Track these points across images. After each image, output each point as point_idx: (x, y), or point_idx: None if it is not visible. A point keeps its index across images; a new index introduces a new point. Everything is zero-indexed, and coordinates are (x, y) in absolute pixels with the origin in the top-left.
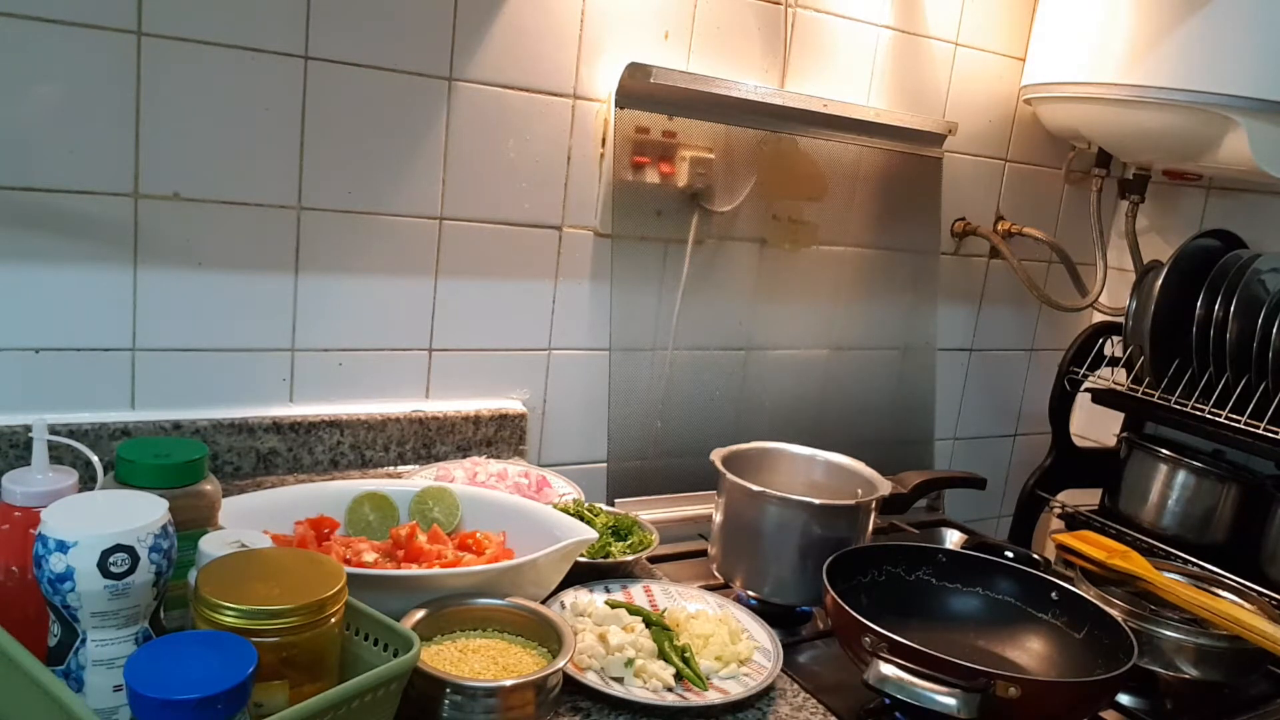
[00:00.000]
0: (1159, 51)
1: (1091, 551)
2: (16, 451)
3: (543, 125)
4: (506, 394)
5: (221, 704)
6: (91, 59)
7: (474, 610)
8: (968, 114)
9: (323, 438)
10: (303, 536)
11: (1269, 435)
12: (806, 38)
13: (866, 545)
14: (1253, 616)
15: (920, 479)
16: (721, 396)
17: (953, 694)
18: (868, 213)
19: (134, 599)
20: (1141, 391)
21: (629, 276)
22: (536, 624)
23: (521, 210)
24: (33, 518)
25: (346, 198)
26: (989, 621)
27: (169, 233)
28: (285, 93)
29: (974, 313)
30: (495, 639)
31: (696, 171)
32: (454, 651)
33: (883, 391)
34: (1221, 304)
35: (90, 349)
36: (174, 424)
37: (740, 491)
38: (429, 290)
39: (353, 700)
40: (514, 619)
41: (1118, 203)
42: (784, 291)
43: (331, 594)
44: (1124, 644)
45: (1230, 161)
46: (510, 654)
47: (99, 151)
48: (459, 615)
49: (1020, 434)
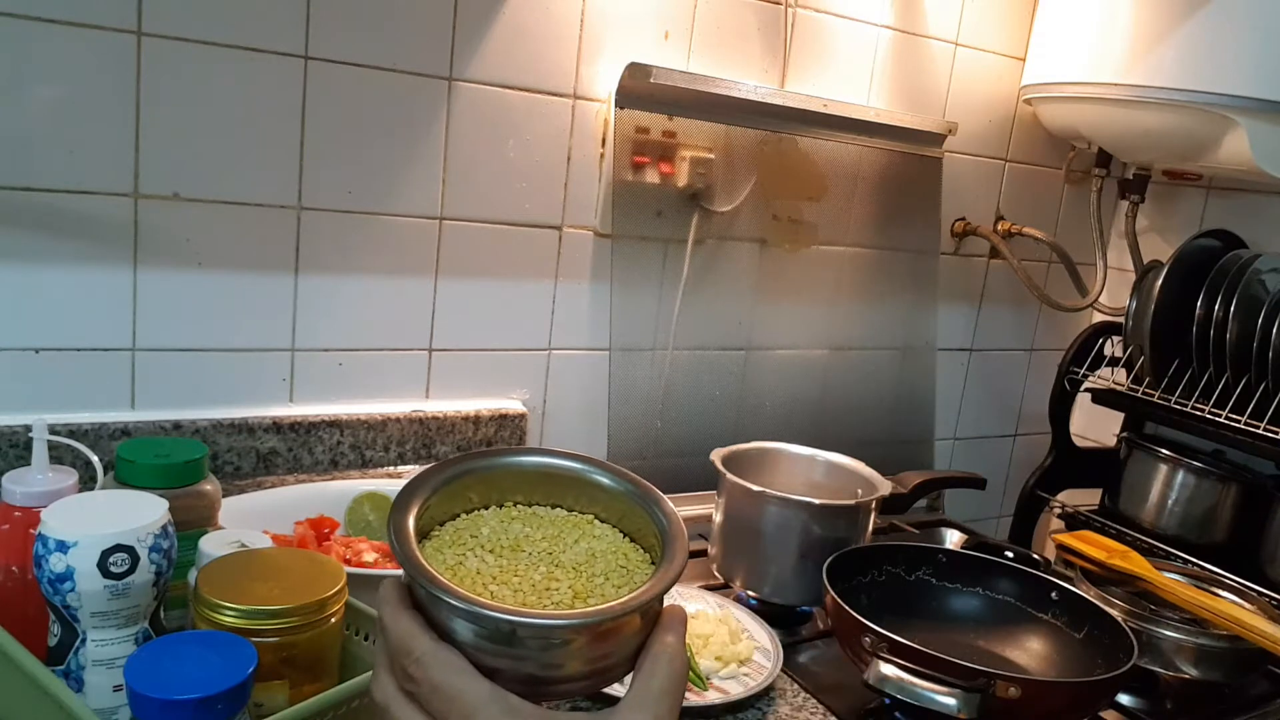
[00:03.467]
0: (1159, 51)
1: (1091, 551)
2: (16, 451)
3: (543, 125)
4: (506, 394)
5: (221, 704)
6: (91, 59)
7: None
8: (968, 114)
9: (323, 438)
10: (303, 536)
11: (1269, 435)
12: (806, 38)
13: (866, 545)
14: (1253, 616)
15: (920, 479)
16: (721, 396)
17: (953, 694)
18: (868, 213)
19: (134, 599)
20: (1141, 391)
21: (629, 276)
22: (623, 500)
23: (521, 210)
24: (33, 518)
25: (346, 198)
26: (989, 621)
27: (169, 233)
28: (285, 93)
29: (974, 313)
30: (558, 518)
31: (696, 171)
32: (504, 542)
33: (883, 391)
34: (1221, 304)
35: (90, 349)
36: (174, 424)
37: (740, 491)
38: (429, 290)
39: (353, 700)
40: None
41: (1118, 203)
42: (784, 291)
43: (331, 594)
44: (1124, 644)
45: (1230, 161)
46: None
47: (99, 151)
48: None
49: (1020, 434)
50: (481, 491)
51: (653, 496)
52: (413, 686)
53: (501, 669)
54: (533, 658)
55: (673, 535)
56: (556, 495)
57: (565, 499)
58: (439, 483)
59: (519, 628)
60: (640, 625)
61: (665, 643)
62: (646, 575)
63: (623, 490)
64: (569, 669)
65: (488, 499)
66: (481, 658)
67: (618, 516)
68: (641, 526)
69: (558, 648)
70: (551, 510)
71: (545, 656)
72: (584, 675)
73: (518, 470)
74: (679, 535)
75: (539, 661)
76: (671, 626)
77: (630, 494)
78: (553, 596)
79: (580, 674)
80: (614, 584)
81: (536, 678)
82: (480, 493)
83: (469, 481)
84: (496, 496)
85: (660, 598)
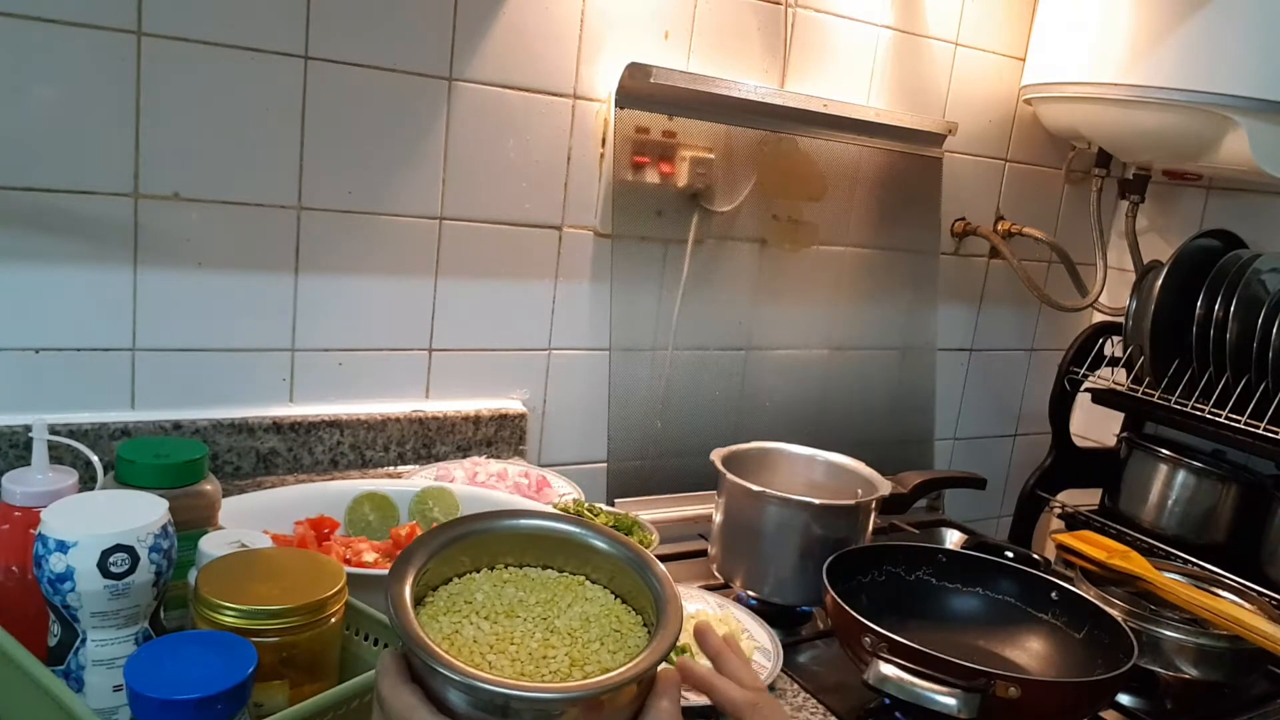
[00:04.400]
0: (1159, 51)
1: (1091, 551)
2: (16, 451)
3: (543, 125)
4: (506, 394)
5: (221, 704)
6: (91, 59)
7: (509, 536)
8: (968, 114)
9: (323, 438)
10: (303, 536)
11: (1269, 435)
12: (806, 38)
13: (866, 545)
14: (1253, 616)
15: (920, 479)
16: (721, 396)
17: (953, 694)
18: (868, 213)
19: (134, 599)
20: (1141, 391)
21: (629, 276)
22: (618, 565)
23: (521, 210)
24: (33, 518)
25: (346, 198)
26: (989, 621)
27: (169, 233)
28: (285, 93)
29: (974, 313)
30: (551, 580)
31: (696, 171)
32: (497, 607)
33: (883, 391)
34: (1221, 304)
35: (90, 349)
36: (174, 424)
37: (740, 491)
38: (429, 290)
39: (353, 700)
40: (576, 550)
41: (1118, 203)
42: (784, 291)
43: (331, 594)
44: (1124, 644)
45: (1230, 161)
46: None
47: (99, 151)
48: (490, 543)
49: (1020, 434)
50: (474, 554)
51: (644, 560)
52: None
53: None
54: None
55: (666, 599)
56: (546, 556)
57: (555, 560)
58: (434, 549)
59: (513, 700)
60: (636, 692)
61: (660, 708)
62: (640, 639)
63: (615, 553)
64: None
65: (479, 561)
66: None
67: (608, 577)
68: (632, 588)
69: (555, 719)
70: (543, 571)
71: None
72: None
73: (510, 534)
74: (672, 599)
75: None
76: (666, 691)
77: (622, 557)
78: (550, 665)
79: None
80: (609, 649)
81: None
82: (472, 555)
83: (462, 546)
84: (488, 559)
85: (655, 666)
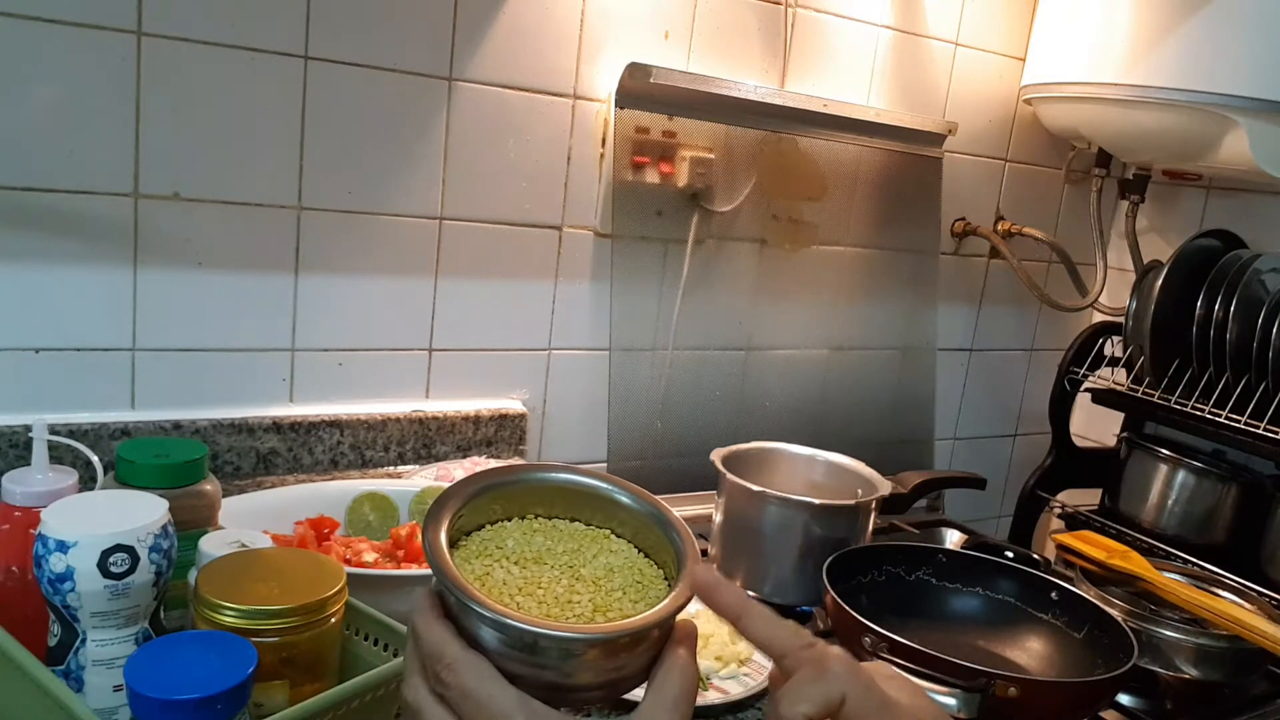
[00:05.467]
0: (1159, 51)
1: (1091, 551)
2: (16, 451)
3: (543, 125)
4: (506, 394)
5: (221, 704)
6: (91, 59)
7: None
8: (968, 114)
9: (323, 438)
10: (303, 536)
11: (1269, 435)
12: (806, 38)
13: (866, 545)
14: (1253, 616)
15: (920, 479)
16: (721, 396)
17: (953, 694)
18: (867, 213)
19: (134, 599)
20: (1141, 391)
21: (629, 276)
22: (642, 521)
23: (521, 210)
24: (33, 518)
25: (346, 198)
26: (989, 621)
27: (169, 233)
28: (285, 93)
29: (974, 313)
30: (576, 532)
31: (696, 171)
32: (527, 551)
33: (883, 391)
34: (1221, 304)
35: (90, 349)
36: (174, 424)
37: (740, 491)
38: (429, 290)
39: (352, 700)
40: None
41: (1118, 203)
42: (784, 291)
43: (331, 594)
44: (1124, 644)
45: (1230, 161)
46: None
47: (99, 151)
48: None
49: (1020, 434)
50: (505, 504)
51: (668, 517)
52: (444, 690)
53: (524, 676)
54: (553, 667)
55: (687, 555)
56: (574, 509)
57: (583, 513)
58: (468, 495)
59: (541, 639)
60: (655, 639)
61: (678, 655)
62: (660, 591)
63: (640, 509)
64: (586, 678)
65: (510, 511)
66: (506, 664)
67: (632, 532)
68: (655, 543)
69: (577, 658)
70: (570, 523)
71: (565, 666)
72: (600, 685)
73: (541, 486)
74: (694, 555)
75: (559, 670)
76: (683, 640)
77: (647, 514)
78: (574, 609)
79: (596, 683)
80: (630, 598)
81: (556, 685)
82: (504, 505)
83: (495, 495)
84: (518, 509)
85: (675, 614)
